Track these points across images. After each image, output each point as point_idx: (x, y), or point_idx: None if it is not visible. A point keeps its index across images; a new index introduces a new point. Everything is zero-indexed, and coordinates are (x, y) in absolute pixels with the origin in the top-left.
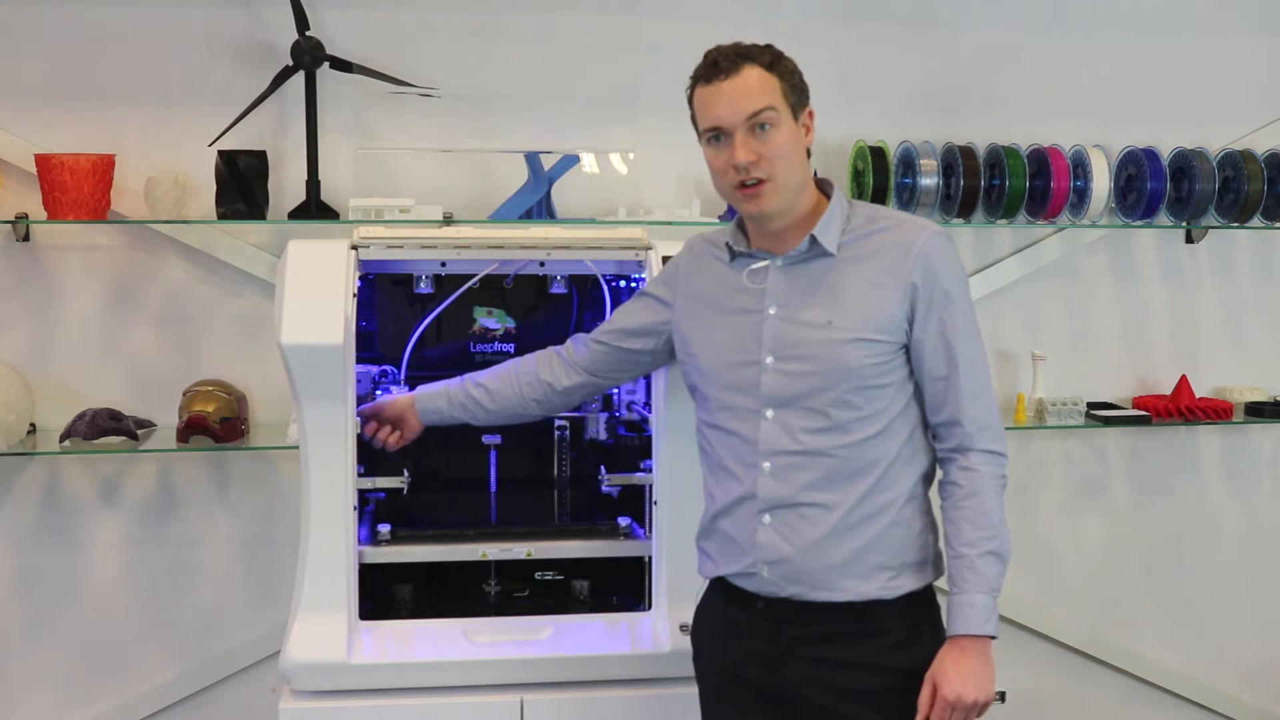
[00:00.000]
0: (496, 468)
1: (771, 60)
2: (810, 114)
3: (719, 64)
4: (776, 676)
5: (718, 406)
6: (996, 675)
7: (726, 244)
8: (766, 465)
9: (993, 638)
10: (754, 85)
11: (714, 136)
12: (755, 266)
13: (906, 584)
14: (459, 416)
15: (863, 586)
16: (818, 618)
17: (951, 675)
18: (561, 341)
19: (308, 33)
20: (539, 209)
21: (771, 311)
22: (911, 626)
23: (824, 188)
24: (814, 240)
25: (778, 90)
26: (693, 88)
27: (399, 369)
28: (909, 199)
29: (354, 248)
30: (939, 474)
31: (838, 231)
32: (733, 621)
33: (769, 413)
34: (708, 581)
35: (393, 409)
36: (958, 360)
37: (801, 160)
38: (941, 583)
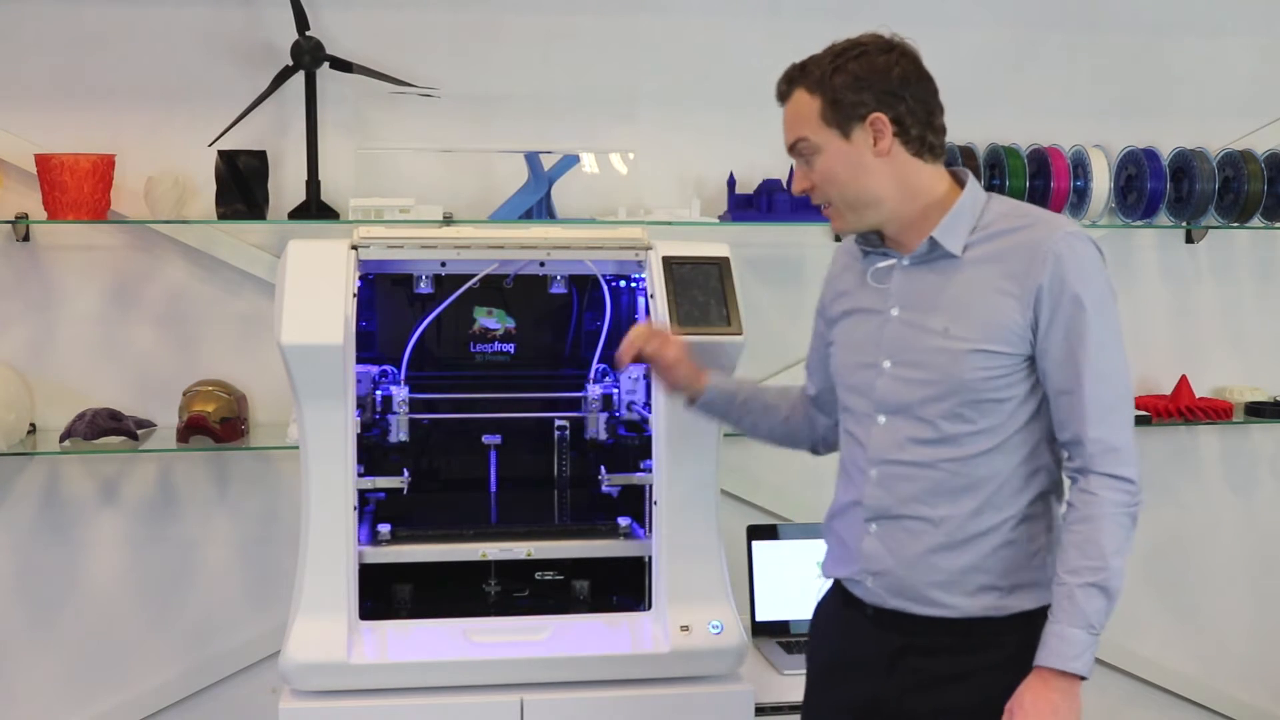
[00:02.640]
0: (496, 468)
1: (821, 76)
2: (876, 121)
3: (779, 88)
4: (883, 685)
5: (843, 408)
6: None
7: (858, 241)
8: (874, 473)
9: (1082, 678)
10: (794, 114)
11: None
12: (880, 265)
13: (1019, 604)
14: (735, 407)
15: (968, 604)
16: (923, 630)
17: (1028, 708)
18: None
19: (308, 33)
20: (539, 209)
21: (894, 313)
22: (1021, 646)
23: (959, 178)
24: (935, 241)
25: (815, 115)
26: None
27: (399, 369)
28: None
29: (354, 248)
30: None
31: (965, 230)
32: (847, 622)
33: (881, 418)
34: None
35: (679, 351)
36: (1083, 374)
37: (867, 175)
38: None
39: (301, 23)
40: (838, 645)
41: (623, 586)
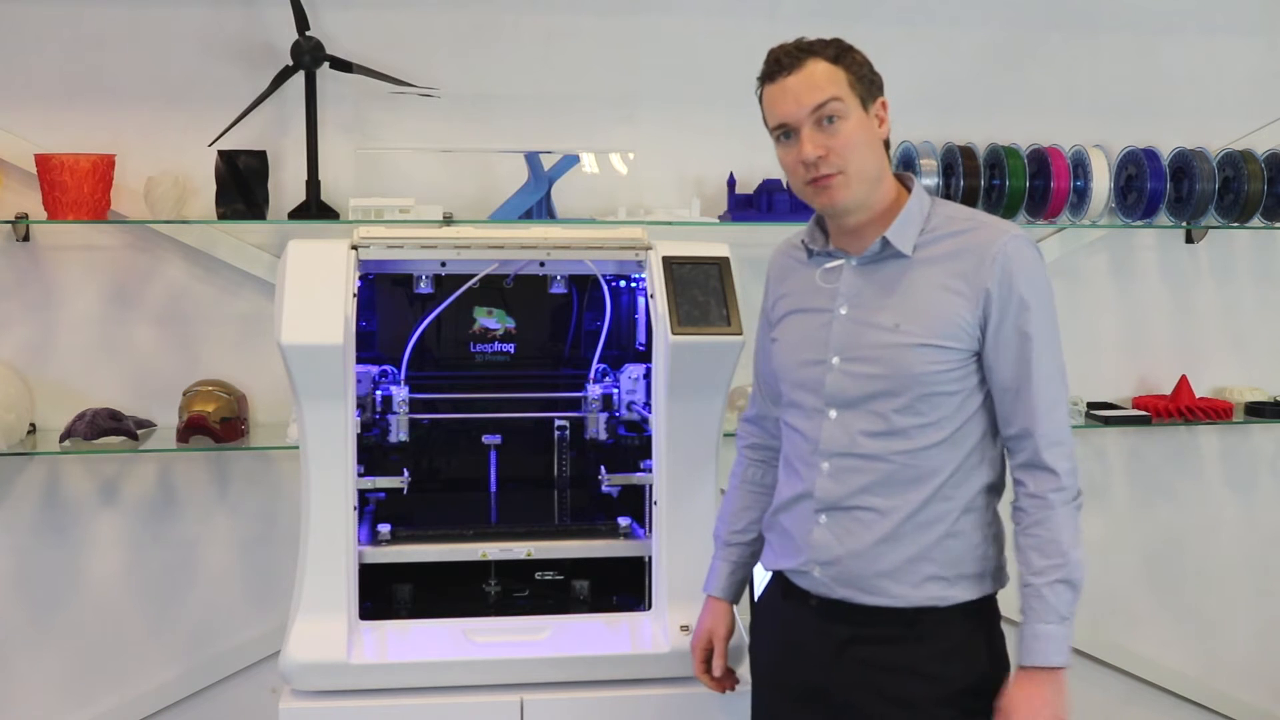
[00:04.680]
0: (496, 468)
1: (837, 53)
2: (884, 104)
3: (781, 61)
4: (827, 676)
5: (787, 404)
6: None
7: (803, 242)
8: (825, 466)
9: (1064, 667)
10: (818, 78)
11: (783, 134)
12: (830, 266)
13: (961, 594)
14: (753, 552)
15: (913, 594)
16: (868, 620)
17: (1022, 707)
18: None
19: (308, 33)
20: (539, 209)
21: (842, 312)
22: (964, 636)
23: (905, 183)
24: (887, 241)
25: (843, 81)
26: (760, 89)
27: (399, 369)
28: None
29: (354, 248)
30: (1012, 488)
31: (915, 232)
32: (788, 616)
33: (832, 413)
34: (770, 573)
35: (707, 635)
36: (1031, 372)
37: (875, 151)
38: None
39: (301, 23)
40: (781, 638)
41: (623, 586)
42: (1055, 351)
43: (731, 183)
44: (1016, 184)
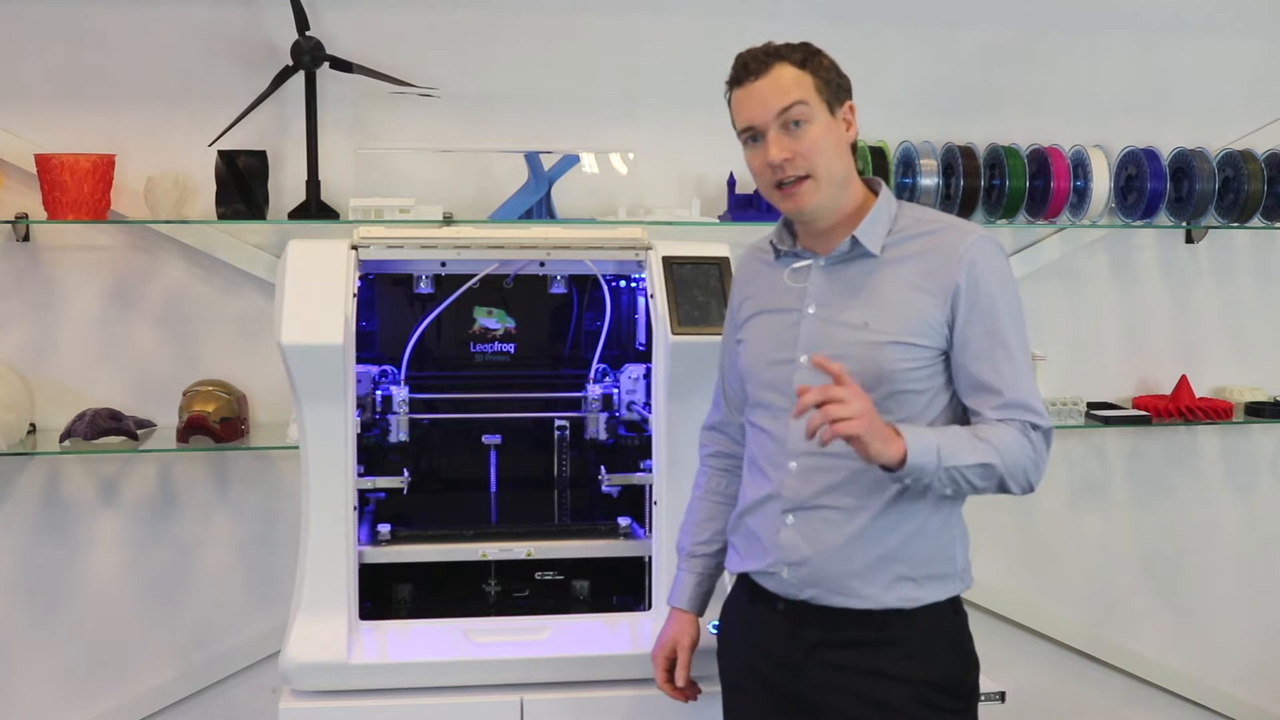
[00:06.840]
0: (496, 468)
1: (804, 58)
2: (851, 108)
3: (749, 65)
4: (798, 680)
5: (754, 404)
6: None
7: (771, 243)
8: (793, 465)
9: (902, 461)
10: (784, 82)
11: (750, 137)
12: (797, 266)
13: (928, 595)
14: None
15: (883, 596)
16: (836, 623)
17: (858, 400)
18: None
19: (308, 33)
20: (539, 209)
21: (810, 311)
22: (933, 638)
23: (872, 186)
24: (856, 241)
25: (810, 86)
26: (729, 92)
27: (399, 369)
28: (909, 199)
29: (354, 248)
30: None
31: (883, 232)
32: (756, 620)
33: None
34: (735, 577)
35: (671, 644)
36: (1000, 369)
37: (842, 155)
38: (970, 595)
39: (301, 23)
40: (750, 641)
41: (623, 586)
42: (1023, 349)
43: (731, 183)
44: (1016, 184)
